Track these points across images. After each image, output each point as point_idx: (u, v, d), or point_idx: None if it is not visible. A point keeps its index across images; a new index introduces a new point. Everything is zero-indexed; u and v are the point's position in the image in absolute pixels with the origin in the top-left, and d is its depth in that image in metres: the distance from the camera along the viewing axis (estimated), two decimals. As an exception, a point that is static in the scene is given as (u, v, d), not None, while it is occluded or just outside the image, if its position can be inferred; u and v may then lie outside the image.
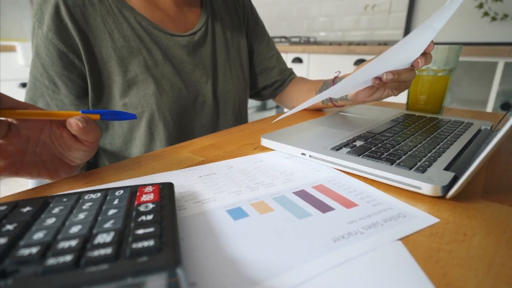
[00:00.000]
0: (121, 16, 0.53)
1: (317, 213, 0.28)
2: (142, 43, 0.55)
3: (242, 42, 0.72)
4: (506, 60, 1.53)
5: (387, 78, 0.44)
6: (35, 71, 0.51)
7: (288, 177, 0.36)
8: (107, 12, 0.52)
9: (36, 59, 0.51)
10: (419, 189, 0.31)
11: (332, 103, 0.64)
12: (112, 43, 0.52)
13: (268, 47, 0.77)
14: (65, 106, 0.52)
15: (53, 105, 0.52)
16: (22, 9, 2.47)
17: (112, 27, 0.52)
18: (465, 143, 0.42)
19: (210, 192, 0.32)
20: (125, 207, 0.24)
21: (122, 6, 0.54)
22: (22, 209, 0.23)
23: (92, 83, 0.52)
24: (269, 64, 0.77)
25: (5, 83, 2.03)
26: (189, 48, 0.61)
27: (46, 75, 0.51)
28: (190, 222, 0.27)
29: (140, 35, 0.55)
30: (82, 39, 0.50)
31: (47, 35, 0.49)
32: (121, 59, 0.53)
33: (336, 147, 0.40)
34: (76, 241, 0.19)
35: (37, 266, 0.17)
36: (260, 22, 0.77)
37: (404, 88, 0.50)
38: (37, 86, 0.51)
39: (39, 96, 0.52)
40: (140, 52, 0.55)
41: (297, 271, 0.21)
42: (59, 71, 0.50)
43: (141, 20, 0.55)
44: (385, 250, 0.23)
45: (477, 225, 0.27)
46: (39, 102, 0.52)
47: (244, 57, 0.72)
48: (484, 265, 0.22)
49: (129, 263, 0.18)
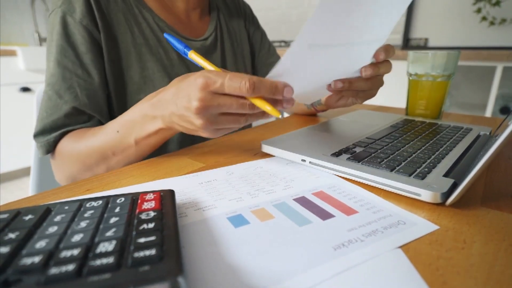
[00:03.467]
0: (141, 16, 0.56)
1: (317, 220, 0.28)
2: (160, 43, 0.57)
3: (245, 48, 0.74)
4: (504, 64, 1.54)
5: (335, 86, 0.44)
6: (65, 61, 0.49)
7: (288, 183, 0.36)
8: (128, 10, 0.55)
9: (67, 48, 0.49)
10: (419, 196, 0.31)
11: (314, 108, 0.68)
12: (132, 39, 0.54)
13: (269, 53, 0.79)
14: (97, 96, 0.51)
15: (83, 95, 0.50)
16: (22, 13, 2.48)
17: (132, 24, 0.55)
18: (464, 149, 0.43)
19: (210, 199, 0.32)
20: (127, 215, 0.24)
21: (142, 7, 0.56)
22: (24, 217, 0.24)
23: (110, 75, 0.53)
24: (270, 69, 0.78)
25: (5, 88, 2.03)
26: (202, 51, 0.63)
27: (80, 63, 0.50)
28: (191, 230, 0.27)
29: (158, 35, 0.57)
30: (104, 31, 0.52)
31: (82, 22, 0.49)
32: (139, 56, 0.55)
33: (336, 153, 0.41)
34: (78, 250, 0.20)
35: (39, 276, 0.18)
36: (261, 29, 0.80)
37: (366, 97, 0.49)
38: (67, 77, 0.49)
39: (66, 89, 0.49)
40: (158, 51, 0.57)
41: (298, 280, 0.21)
42: (93, 58, 0.51)
43: (159, 22, 0.58)
44: (386, 258, 0.23)
45: (477, 232, 0.27)
46: (65, 95, 0.49)
47: (247, 63, 0.75)
48: (484, 273, 0.22)
49: (131, 273, 0.18)
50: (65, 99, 0.49)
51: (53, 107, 0.49)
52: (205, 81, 0.33)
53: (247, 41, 0.75)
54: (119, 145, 0.43)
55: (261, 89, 0.33)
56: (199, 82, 0.33)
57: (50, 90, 0.50)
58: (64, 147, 0.48)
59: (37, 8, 2.54)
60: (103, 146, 0.44)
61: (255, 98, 0.35)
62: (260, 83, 0.33)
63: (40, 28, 2.60)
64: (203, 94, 0.33)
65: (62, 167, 0.49)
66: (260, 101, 0.35)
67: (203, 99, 0.33)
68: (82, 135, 0.47)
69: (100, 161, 0.45)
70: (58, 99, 0.49)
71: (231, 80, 0.33)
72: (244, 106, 0.35)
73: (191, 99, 0.34)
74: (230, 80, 0.33)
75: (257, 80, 0.33)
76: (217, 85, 0.33)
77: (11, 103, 2.07)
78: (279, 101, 0.37)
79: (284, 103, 0.37)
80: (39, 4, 2.53)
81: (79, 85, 0.50)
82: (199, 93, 0.33)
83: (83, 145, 0.46)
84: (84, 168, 0.47)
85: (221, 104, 0.34)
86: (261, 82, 0.33)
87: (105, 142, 0.44)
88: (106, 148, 0.44)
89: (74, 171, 0.48)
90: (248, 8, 0.78)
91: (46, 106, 0.49)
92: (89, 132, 0.47)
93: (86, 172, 0.47)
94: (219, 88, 0.33)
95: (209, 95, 0.33)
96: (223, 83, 0.33)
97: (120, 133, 0.43)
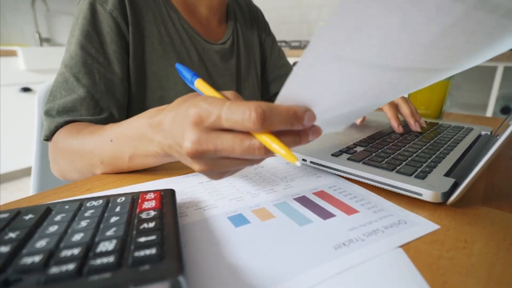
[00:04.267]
0: (168, 16, 0.58)
1: (318, 219, 0.28)
2: (183, 43, 0.59)
3: (257, 53, 0.77)
4: (505, 64, 1.53)
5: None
6: (89, 47, 0.49)
7: (288, 183, 0.36)
8: (157, 9, 0.57)
9: (93, 34, 0.50)
10: (420, 195, 0.31)
11: None
12: (159, 36, 0.56)
13: (279, 56, 0.83)
14: (114, 86, 0.52)
15: (101, 83, 0.50)
16: (23, 14, 2.48)
17: (160, 22, 0.57)
18: (465, 149, 0.43)
19: (211, 199, 0.32)
20: (127, 214, 0.24)
21: (169, 7, 0.58)
22: (24, 217, 0.24)
23: (133, 69, 0.54)
24: (280, 72, 0.83)
25: (5, 88, 2.03)
26: (221, 54, 0.66)
27: (103, 52, 0.51)
28: (191, 229, 0.27)
29: (181, 36, 0.59)
30: (133, 25, 0.53)
31: (112, 13, 0.51)
32: (164, 53, 0.57)
33: (336, 153, 0.41)
34: (78, 249, 0.20)
35: (40, 275, 0.18)
36: (271, 34, 0.84)
37: None
38: (88, 62, 0.49)
39: (85, 73, 0.49)
40: (181, 50, 0.59)
41: (298, 279, 0.21)
42: (116, 49, 0.52)
43: (184, 23, 0.60)
44: (386, 258, 0.23)
45: (478, 231, 0.27)
46: (83, 79, 0.49)
47: (258, 68, 0.78)
48: (485, 273, 0.22)
49: (131, 272, 0.18)
50: (82, 83, 0.48)
51: (68, 89, 0.48)
52: (198, 113, 0.25)
53: (258, 47, 0.78)
54: (110, 155, 0.39)
55: (274, 120, 0.23)
56: (190, 114, 0.25)
57: (68, 72, 0.49)
58: (59, 138, 0.47)
59: (38, 9, 2.55)
60: (94, 152, 0.41)
61: (265, 134, 0.23)
62: (272, 111, 0.23)
63: (40, 28, 2.60)
64: (197, 133, 0.25)
65: (54, 157, 0.48)
66: (272, 138, 0.23)
67: (196, 141, 0.25)
68: (80, 131, 0.45)
69: (88, 167, 0.43)
70: (75, 82, 0.48)
71: (231, 110, 0.23)
72: (252, 150, 0.24)
73: (183, 139, 0.26)
74: (230, 110, 0.23)
75: (267, 108, 0.22)
76: (212, 118, 0.24)
77: (11, 103, 2.07)
78: (302, 133, 0.25)
79: (310, 136, 0.25)
80: (39, 4, 2.53)
81: (99, 72, 0.50)
82: (191, 132, 0.25)
83: (76, 143, 0.44)
84: (71, 167, 0.45)
85: (218, 148, 0.25)
86: (273, 110, 0.23)
87: (97, 148, 0.41)
88: (96, 154, 0.41)
89: (62, 166, 0.47)
90: (260, 14, 0.82)
91: (59, 87, 0.49)
92: (86, 130, 0.44)
93: (73, 172, 0.46)
94: (216, 122, 0.24)
95: (203, 134, 0.25)
96: (220, 115, 0.24)
97: (114, 143, 0.39)
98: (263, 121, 0.22)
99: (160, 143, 0.32)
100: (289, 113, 0.23)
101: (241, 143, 0.24)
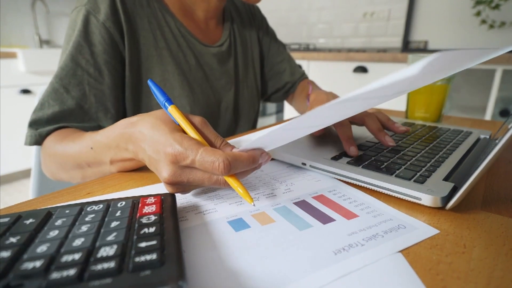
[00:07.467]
0: (164, 21, 0.58)
1: (317, 224, 0.28)
2: (180, 47, 0.59)
3: (255, 52, 0.77)
4: (504, 67, 1.54)
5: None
6: (79, 58, 0.50)
7: (288, 187, 0.36)
8: (152, 15, 0.56)
9: (85, 45, 0.50)
10: (419, 200, 0.31)
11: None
12: (154, 42, 0.56)
13: (278, 51, 0.82)
14: (105, 96, 0.52)
15: (91, 94, 0.50)
16: (23, 15, 2.49)
17: (155, 27, 0.56)
18: (464, 153, 0.43)
19: (211, 203, 0.32)
20: (128, 219, 0.24)
21: (165, 12, 0.58)
22: (25, 221, 0.24)
23: (129, 78, 0.54)
24: (279, 68, 0.82)
25: (5, 90, 2.03)
26: (218, 57, 0.66)
27: (93, 62, 0.50)
28: (191, 234, 0.27)
29: (178, 40, 0.59)
30: (129, 34, 0.53)
31: (105, 23, 0.50)
32: (161, 59, 0.57)
33: (336, 157, 0.41)
34: (79, 254, 0.20)
35: (41, 280, 0.18)
36: (270, 30, 0.83)
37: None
38: (78, 73, 0.50)
39: (75, 85, 0.49)
40: (177, 55, 0.59)
41: (298, 284, 0.21)
42: (108, 60, 0.51)
43: (180, 27, 0.60)
44: (386, 263, 0.23)
45: (477, 236, 0.27)
46: (73, 90, 0.49)
47: (257, 66, 0.78)
48: (484, 278, 0.22)
49: (132, 277, 0.18)
50: (72, 95, 0.49)
51: (57, 99, 0.49)
52: (174, 155, 0.29)
53: (257, 45, 0.78)
54: (93, 160, 0.41)
55: (238, 167, 0.29)
56: (168, 153, 0.29)
57: (57, 83, 0.49)
58: (48, 143, 0.48)
59: (38, 11, 2.55)
60: (78, 157, 0.43)
61: (229, 177, 0.30)
62: (236, 161, 0.29)
63: (40, 30, 2.60)
64: (173, 168, 0.29)
65: (44, 161, 0.49)
66: (234, 180, 0.30)
67: (172, 174, 0.29)
68: (64, 137, 0.46)
69: (76, 168, 0.44)
70: (65, 93, 0.49)
71: (203, 158, 0.28)
72: (218, 183, 0.30)
73: (161, 168, 0.30)
74: (202, 158, 0.28)
75: (232, 159, 0.28)
76: (187, 161, 0.29)
77: (11, 105, 2.07)
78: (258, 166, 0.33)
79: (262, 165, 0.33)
80: (39, 6, 2.54)
81: (89, 83, 0.50)
82: (169, 167, 0.29)
83: (61, 148, 0.45)
84: (61, 169, 0.46)
85: (190, 180, 0.30)
86: (237, 160, 0.29)
87: (80, 154, 0.42)
88: (81, 159, 0.42)
89: (53, 168, 0.48)
90: (257, 11, 0.81)
91: (49, 97, 0.49)
92: (71, 137, 0.46)
93: (64, 174, 0.47)
94: (190, 164, 0.29)
95: (178, 169, 0.29)
96: (194, 160, 0.28)
97: (94, 150, 0.40)
98: (229, 170, 0.28)
99: (135, 153, 0.35)
100: (249, 160, 0.30)
101: (209, 178, 0.30)
